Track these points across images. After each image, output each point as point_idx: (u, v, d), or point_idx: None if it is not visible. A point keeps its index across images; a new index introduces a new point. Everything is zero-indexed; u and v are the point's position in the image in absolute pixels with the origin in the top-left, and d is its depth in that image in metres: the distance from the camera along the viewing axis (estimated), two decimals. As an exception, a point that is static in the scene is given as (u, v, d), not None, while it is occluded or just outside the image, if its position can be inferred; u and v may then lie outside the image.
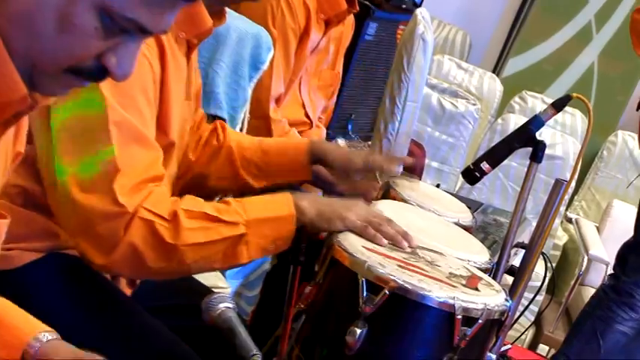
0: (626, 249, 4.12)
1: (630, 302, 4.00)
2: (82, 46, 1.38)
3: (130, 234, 2.03)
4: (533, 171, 2.51)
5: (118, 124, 2.04)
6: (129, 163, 2.05)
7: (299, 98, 3.47)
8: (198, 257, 2.10)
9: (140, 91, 2.10)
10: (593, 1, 6.14)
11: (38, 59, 1.40)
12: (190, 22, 2.25)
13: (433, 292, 2.04)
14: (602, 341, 4.09)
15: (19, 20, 1.37)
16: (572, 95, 2.57)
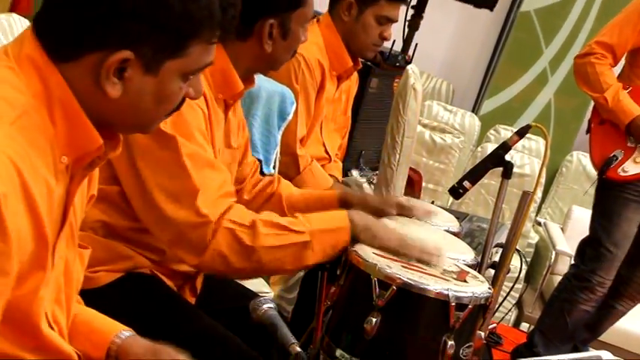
0: (583, 244, 4.11)
1: (589, 286, 3.98)
2: (175, 102, 1.45)
3: (217, 241, 2.05)
4: (504, 185, 2.50)
5: (190, 156, 2.06)
6: (205, 183, 2.07)
7: (320, 138, 3.47)
8: (273, 258, 2.11)
9: (197, 130, 2.11)
10: (547, 52, 6.14)
11: (145, 122, 1.48)
12: (226, 86, 2.27)
13: (431, 286, 2.04)
14: (569, 318, 4.08)
15: (121, 110, 1.40)
16: (531, 124, 2.57)
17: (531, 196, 2.49)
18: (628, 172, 3.85)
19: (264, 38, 2.26)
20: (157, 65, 1.37)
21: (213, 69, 2.22)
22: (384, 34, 3.45)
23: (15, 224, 1.23)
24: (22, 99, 1.30)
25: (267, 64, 2.37)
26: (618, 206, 3.92)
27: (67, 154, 1.38)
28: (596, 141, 3.98)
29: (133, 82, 1.36)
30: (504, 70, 6.24)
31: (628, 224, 3.93)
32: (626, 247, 3.94)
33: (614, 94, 3.81)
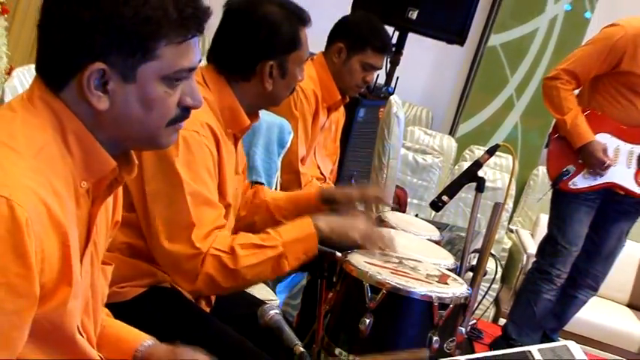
0: (543, 242, 4.17)
1: (549, 277, 4.04)
2: (165, 107, 1.40)
3: (206, 267, 2.06)
4: (478, 198, 2.51)
5: (192, 194, 2.06)
6: (201, 219, 2.07)
7: (315, 161, 3.48)
8: (255, 273, 2.12)
9: (204, 169, 2.11)
10: (513, 80, 6.18)
11: (147, 133, 1.42)
12: (234, 121, 2.28)
13: (417, 289, 2.04)
14: (535, 308, 4.11)
15: (119, 123, 1.38)
16: (499, 144, 2.58)
17: (502, 206, 2.50)
18: (577, 185, 3.92)
19: (265, 78, 2.26)
20: (132, 72, 1.34)
21: (222, 107, 2.25)
22: (367, 78, 3.48)
23: (39, 247, 1.23)
24: (41, 134, 1.31)
25: (269, 100, 2.37)
26: (570, 210, 3.97)
27: (86, 179, 1.38)
28: (553, 155, 4.01)
29: (116, 92, 1.34)
30: (476, 97, 6.25)
31: (580, 225, 3.98)
32: (579, 245, 3.99)
33: (574, 118, 3.83)
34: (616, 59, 3.77)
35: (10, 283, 1.20)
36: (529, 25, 6.09)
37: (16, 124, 1.31)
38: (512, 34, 6.13)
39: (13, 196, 1.19)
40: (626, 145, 3.88)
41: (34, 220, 1.21)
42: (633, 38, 3.74)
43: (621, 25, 3.82)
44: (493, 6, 6.14)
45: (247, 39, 2.26)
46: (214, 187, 2.17)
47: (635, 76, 3.77)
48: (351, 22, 3.51)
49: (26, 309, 1.24)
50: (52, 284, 1.28)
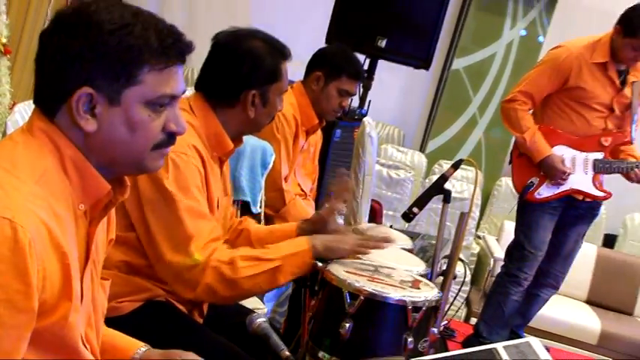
0: (510, 248, 4.17)
1: (517, 280, 4.05)
2: (149, 130, 1.39)
3: (206, 277, 2.06)
4: (446, 208, 2.51)
5: (186, 209, 2.07)
6: (198, 231, 2.08)
7: (295, 180, 3.48)
8: (252, 284, 2.11)
9: (194, 186, 2.11)
10: (475, 100, 6.24)
11: (133, 156, 1.41)
12: (219, 146, 2.28)
13: (391, 294, 2.04)
14: (504, 308, 4.12)
15: (106, 145, 1.38)
16: (463, 159, 2.59)
17: (467, 215, 2.49)
18: (542, 195, 3.94)
19: (248, 106, 2.27)
20: (116, 95, 1.34)
21: (207, 132, 2.25)
22: (343, 103, 3.49)
23: (41, 266, 1.23)
24: (41, 161, 1.32)
25: (251, 127, 2.37)
26: (536, 218, 3.99)
27: (84, 201, 1.39)
28: (517, 170, 4.03)
29: (103, 115, 1.35)
30: (443, 116, 6.29)
31: (544, 231, 3.99)
32: (544, 250, 4.01)
33: (532, 136, 3.87)
34: (564, 77, 3.83)
35: (11, 300, 1.20)
36: (488, 49, 6.14)
37: (18, 152, 1.32)
38: (474, 58, 6.18)
39: (16, 218, 1.20)
40: (581, 153, 3.92)
41: (36, 241, 1.21)
42: (577, 57, 3.81)
43: (565, 47, 3.89)
44: (455, 32, 6.18)
45: (232, 70, 2.26)
46: (205, 202, 2.17)
47: (582, 90, 3.83)
48: (327, 52, 3.53)
49: (25, 324, 1.24)
50: (53, 300, 1.28)
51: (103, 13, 1.34)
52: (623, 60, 3.82)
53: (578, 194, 3.96)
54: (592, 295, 5.69)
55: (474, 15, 6.10)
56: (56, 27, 1.34)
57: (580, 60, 3.81)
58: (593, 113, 3.87)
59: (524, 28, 6.07)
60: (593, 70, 3.82)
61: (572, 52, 3.83)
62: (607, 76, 3.84)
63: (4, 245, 1.18)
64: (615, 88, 3.86)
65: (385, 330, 2.04)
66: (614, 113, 3.89)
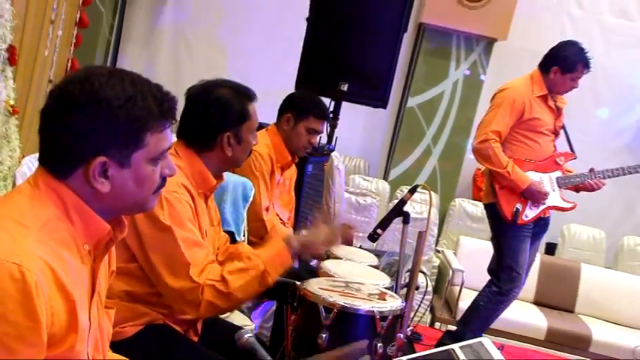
0: (499, 272, 4.11)
1: (509, 299, 4.11)
2: (153, 181, 1.45)
3: (205, 295, 2.06)
4: (406, 229, 2.53)
5: (182, 239, 2.07)
6: (194, 258, 2.08)
7: (274, 210, 3.48)
8: (245, 292, 2.11)
9: (187, 219, 2.12)
10: (429, 133, 6.28)
11: (139, 203, 1.45)
12: (203, 183, 2.28)
13: (361, 306, 2.05)
14: (491, 319, 4.20)
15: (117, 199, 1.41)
16: (418, 184, 2.62)
17: (425, 234, 2.51)
18: (528, 217, 3.97)
19: (224, 147, 2.28)
20: (127, 160, 1.38)
21: (192, 172, 2.26)
22: (312, 140, 3.49)
23: (48, 304, 1.24)
24: (45, 211, 1.34)
25: (231, 164, 2.37)
26: (519, 242, 4.00)
27: (87, 242, 1.40)
28: (503, 200, 3.97)
29: (115, 177, 1.37)
30: (402, 147, 6.31)
31: (526, 253, 4.04)
32: (525, 268, 4.05)
33: (512, 168, 3.90)
34: (521, 112, 3.92)
35: (22, 336, 1.21)
36: (437, 88, 6.19)
37: (24, 203, 1.33)
38: (425, 96, 6.21)
39: (24, 263, 1.21)
40: (545, 174, 4.00)
41: (42, 283, 1.22)
42: (524, 93, 3.93)
43: (512, 87, 3.98)
44: (408, 75, 6.24)
45: (206, 118, 2.27)
46: (198, 232, 2.17)
47: (536, 120, 3.94)
48: (295, 96, 3.56)
49: (35, 355, 1.24)
50: (61, 333, 1.30)
51: (107, 89, 1.36)
52: (560, 92, 4.00)
53: (553, 209, 4.03)
54: (538, 296, 5.72)
55: (423, 59, 6.16)
56: (65, 105, 1.35)
57: (527, 95, 3.94)
58: (544, 138, 3.99)
59: (467, 69, 6.14)
60: (538, 102, 3.97)
61: (519, 90, 3.95)
62: (547, 105, 3.99)
63: (13, 287, 1.19)
64: (554, 115, 4.01)
65: (357, 338, 2.03)
66: (557, 136, 4.04)
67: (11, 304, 1.19)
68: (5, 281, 1.19)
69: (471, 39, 6.06)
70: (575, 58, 3.88)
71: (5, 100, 3.29)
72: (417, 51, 6.17)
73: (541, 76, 3.96)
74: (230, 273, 2.10)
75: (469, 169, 6.26)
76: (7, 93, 3.32)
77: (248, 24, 6.09)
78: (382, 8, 4.26)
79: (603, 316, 5.66)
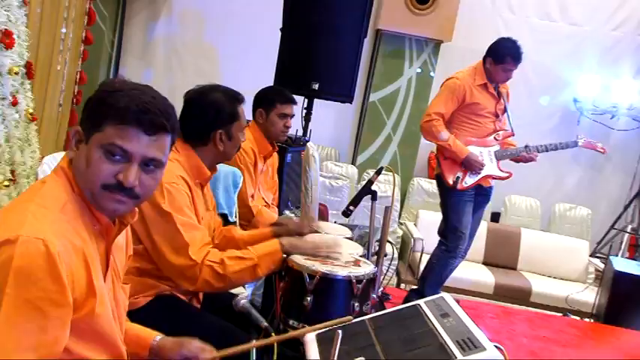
0: (446, 232, 4.15)
1: (456, 255, 4.13)
2: (99, 168, 1.35)
3: (203, 273, 2.07)
4: (374, 205, 2.52)
5: (182, 224, 2.07)
6: (192, 240, 2.07)
7: (261, 195, 3.46)
8: (238, 277, 2.12)
9: (185, 206, 2.11)
10: (389, 123, 6.26)
11: (89, 189, 1.37)
12: (199, 174, 2.28)
13: (339, 272, 2.05)
14: (443, 275, 4.21)
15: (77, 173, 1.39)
16: (383, 167, 2.61)
17: (390, 209, 2.52)
18: (467, 183, 4.02)
19: (217, 143, 2.28)
20: (88, 137, 1.36)
21: (190, 165, 2.25)
22: (287, 124, 3.46)
23: (69, 271, 1.26)
24: (63, 195, 1.35)
25: (223, 157, 2.36)
26: (462, 206, 4.05)
27: (97, 223, 1.41)
28: (445, 169, 4.06)
29: (80, 149, 1.38)
30: (366, 136, 6.30)
31: (469, 215, 4.08)
32: (468, 229, 4.10)
33: (453, 141, 3.97)
34: (462, 98, 3.99)
35: (52, 299, 1.23)
36: (394, 84, 6.18)
37: (46, 188, 1.35)
38: (384, 92, 6.21)
39: (47, 237, 1.23)
40: (485, 148, 4.06)
41: (62, 253, 1.24)
42: (466, 82, 3.99)
43: (456, 77, 4.05)
44: (369, 74, 6.22)
45: (201, 118, 2.27)
46: (195, 217, 2.16)
47: (476, 104, 4.01)
48: (260, 93, 3.49)
49: (65, 314, 1.27)
50: (82, 298, 1.31)
51: (115, 83, 1.39)
52: (496, 80, 4.04)
53: (490, 178, 4.08)
54: (486, 257, 5.78)
55: (381, 60, 6.15)
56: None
57: (469, 84, 4.00)
58: (485, 119, 4.06)
59: (419, 67, 6.14)
60: (479, 89, 4.02)
61: (462, 80, 4.01)
62: (488, 92, 4.05)
63: (40, 258, 1.21)
64: (495, 100, 4.06)
65: (337, 299, 2.05)
66: (497, 117, 4.08)
67: (40, 272, 1.21)
68: (32, 254, 1.21)
69: (421, 41, 6.05)
70: (505, 52, 3.95)
71: (25, 109, 3.26)
72: (376, 53, 6.15)
73: (482, 67, 4.03)
74: (229, 259, 2.11)
75: (424, 152, 6.27)
76: (27, 103, 3.28)
77: (230, 35, 6.03)
78: (345, 18, 4.26)
79: (541, 272, 5.75)
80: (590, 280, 5.70)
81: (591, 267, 5.77)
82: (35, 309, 1.21)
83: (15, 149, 3.16)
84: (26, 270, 1.20)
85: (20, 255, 1.19)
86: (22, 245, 1.20)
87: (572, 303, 5.35)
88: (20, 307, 1.19)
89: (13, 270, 1.19)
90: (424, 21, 5.80)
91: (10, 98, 3.09)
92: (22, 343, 1.20)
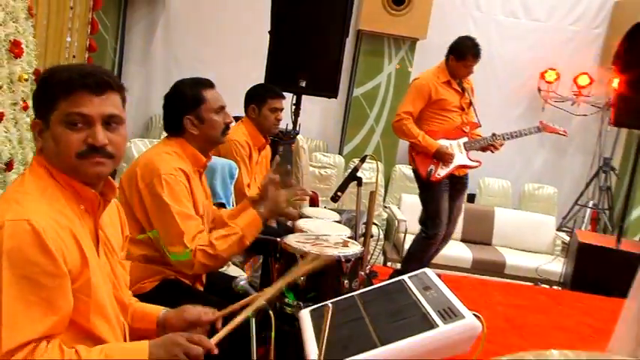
0: (426, 220, 4.12)
1: (435, 241, 4.09)
2: (67, 140, 1.32)
3: (197, 257, 2.03)
4: (360, 190, 2.51)
5: (178, 213, 2.03)
6: (187, 228, 2.04)
7: (257, 184, 3.43)
8: (229, 252, 2.09)
9: (183, 196, 2.07)
10: (371, 115, 6.23)
11: (66, 164, 1.34)
12: (197, 161, 2.24)
13: (330, 252, 2.02)
14: (425, 259, 4.17)
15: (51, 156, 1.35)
16: (367, 155, 2.60)
17: (374, 193, 2.50)
18: (440, 175, 3.99)
19: (189, 128, 2.21)
20: (47, 122, 1.34)
21: (187, 154, 2.21)
22: (278, 117, 3.44)
23: (58, 245, 1.25)
24: (42, 181, 1.34)
25: (205, 141, 2.25)
26: (438, 196, 4.02)
27: (81, 203, 1.38)
28: (419, 164, 4.03)
29: (44, 136, 1.35)
30: (351, 129, 6.27)
31: (445, 204, 4.05)
32: (446, 216, 4.06)
33: (423, 137, 3.95)
34: (427, 96, 3.96)
35: (46, 271, 1.23)
36: (375, 80, 6.15)
37: (26, 179, 1.35)
38: (367, 87, 6.17)
39: (31, 217, 1.23)
40: (454, 141, 4.03)
41: (48, 229, 1.24)
42: (431, 82, 3.97)
43: (422, 78, 4.05)
44: (352, 70, 6.18)
45: (169, 109, 2.24)
46: (192, 207, 2.12)
47: (442, 100, 3.97)
48: (251, 90, 3.48)
49: (64, 284, 1.26)
50: (77, 270, 1.30)
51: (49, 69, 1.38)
52: (459, 76, 4.01)
53: (461, 168, 4.04)
54: (464, 235, 5.80)
55: (362, 58, 6.11)
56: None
57: (433, 83, 3.97)
58: (452, 114, 4.02)
59: (397, 64, 6.11)
60: (444, 86, 3.99)
61: (427, 79, 3.99)
62: (452, 88, 4.01)
63: (28, 236, 1.21)
64: (459, 94, 4.03)
65: (328, 277, 2.03)
66: (464, 111, 4.04)
67: (30, 249, 1.21)
68: (20, 234, 1.21)
69: (399, 40, 6.02)
70: (466, 50, 3.93)
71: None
72: (358, 52, 6.11)
73: (445, 65, 4.01)
74: (216, 239, 2.08)
75: (405, 142, 6.20)
76: None
77: (223, 39, 5.98)
78: (328, 20, 4.22)
79: (513, 246, 5.77)
80: (557, 252, 5.74)
81: (558, 240, 5.80)
82: (34, 283, 1.21)
83: (27, 150, 3.12)
84: (17, 249, 1.20)
85: (8, 237, 1.20)
86: (8, 228, 1.20)
87: (542, 273, 5.38)
88: (19, 283, 1.20)
89: (4, 252, 1.19)
90: (400, 21, 5.77)
91: (21, 103, 3.05)
92: (30, 315, 1.20)
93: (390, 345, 1.34)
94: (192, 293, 2.18)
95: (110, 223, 1.50)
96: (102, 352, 1.30)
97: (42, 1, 3.54)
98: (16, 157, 3.02)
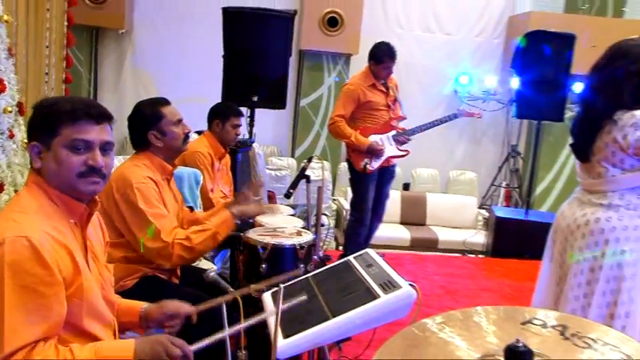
0: (353, 205, 4.14)
1: (363, 224, 4.10)
2: (68, 164, 1.32)
3: (175, 250, 2.01)
4: (309, 186, 2.51)
5: (152, 215, 2.01)
6: (163, 226, 2.01)
7: (219, 188, 3.40)
8: (203, 246, 2.06)
9: (154, 199, 2.05)
10: (316, 122, 6.25)
11: (66, 182, 1.33)
12: (164, 170, 2.20)
13: (286, 242, 2.03)
14: (359, 240, 4.16)
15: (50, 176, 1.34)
16: (313, 155, 2.61)
17: (322, 188, 2.50)
18: (374, 167, 4.02)
19: (154, 141, 2.19)
20: (47, 145, 1.33)
21: (155, 165, 2.17)
22: (237, 132, 3.44)
23: (54, 258, 1.23)
24: (37, 200, 1.32)
25: (170, 151, 2.22)
26: (367, 185, 4.05)
27: (72, 217, 1.37)
28: (354, 159, 4.04)
29: (44, 157, 1.34)
30: (300, 134, 6.26)
31: (371, 193, 4.07)
32: (371, 203, 4.07)
33: (355, 136, 3.96)
34: (357, 99, 3.98)
35: (44, 281, 1.22)
36: (318, 91, 6.16)
37: (22, 199, 1.33)
38: (311, 98, 6.18)
39: (28, 234, 1.22)
40: (384, 135, 4.05)
41: (44, 244, 1.23)
42: (358, 86, 3.98)
43: (350, 83, 4.08)
44: (298, 83, 6.17)
45: (133, 127, 2.21)
46: (164, 208, 2.09)
47: (370, 102, 4.00)
48: (216, 108, 3.46)
49: (59, 291, 1.25)
50: (70, 277, 1.29)
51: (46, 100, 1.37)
52: (381, 77, 4.03)
53: (391, 159, 4.06)
54: (402, 218, 5.88)
55: (306, 73, 6.12)
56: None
57: (360, 86, 3.99)
58: (380, 112, 4.06)
59: (336, 76, 6.14)
60: (370, 89, 4.02)
61: (355, 84, 4.01)
62: (377, 89, 4.04)
63: (27, 250, 1.20)
64: (384, 94, 4.06)
65: (286, 264, 2.04)
66: (390, 108, 4.06)
67: (28, 262, 1.20)
68: (19, 249, 1.20)
69: (335, 56, 6.05)
70: (382, 54, 3.95)
71: (21, 140, 3.15)
72: (301, 68, 6.11)
73: (368, 70, 4.03)
74: (193, 233, 2.06)
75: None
76: (22, 135, 3.17)
77: (184, 64, 5.89)
78: (273, 42, 4.19)
79: (444, 224, 5.90)
80: (479, 226, 5.90)
81: (480, 216, 5.96)
82: (33, 292, 1.20)
83: (16, 173, 3.02)
84: (17, 263, 1.19)
85: (9, 252, 1.19)
86: (9, 245, 1.20)
87: (468, 245, 5.53)
88: (19, 292, 1.19)
89: (6, 265, 1.19)
90: (335, 40, 5.82)
91: (7, 132, 2.96)
92: (29, 320, 1.20)
93: (340, 316, 1.35)
94: (169, 286, 2.15)
95: (94, 232, 1.49)
96: (93, 350, 1.30)
97: (20, 42, 3.44)
98: (6, 180, 2.92)
